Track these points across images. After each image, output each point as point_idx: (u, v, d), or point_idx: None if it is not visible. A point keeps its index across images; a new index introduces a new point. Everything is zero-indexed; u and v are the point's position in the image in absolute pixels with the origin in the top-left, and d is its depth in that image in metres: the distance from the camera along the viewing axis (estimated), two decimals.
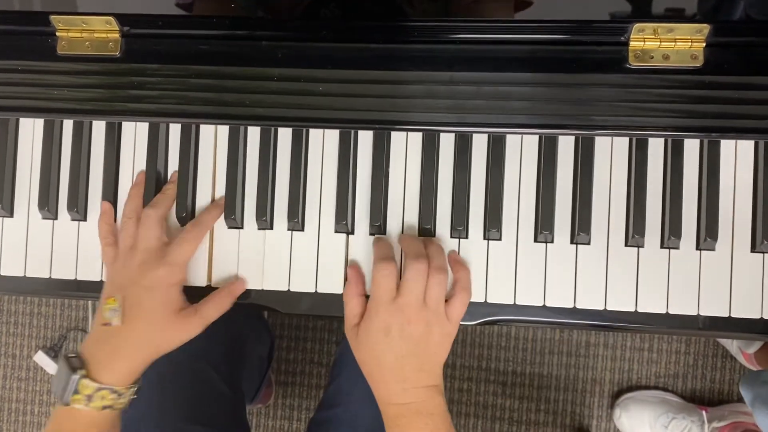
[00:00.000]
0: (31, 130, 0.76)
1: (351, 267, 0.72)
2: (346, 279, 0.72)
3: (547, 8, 0.67)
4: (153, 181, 0.74)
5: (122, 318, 0.67)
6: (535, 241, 0.71)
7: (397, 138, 0.72)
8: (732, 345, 1.38)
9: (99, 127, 0.76)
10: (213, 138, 0.74)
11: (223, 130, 0.74)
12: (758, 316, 0.68)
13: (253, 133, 0.74)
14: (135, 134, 0.75)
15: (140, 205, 0.73)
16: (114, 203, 0.75)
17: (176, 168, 0.74)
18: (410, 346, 0.65)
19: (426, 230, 0.71)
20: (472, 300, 0.70)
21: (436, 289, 0.66)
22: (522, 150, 0.71)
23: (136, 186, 0.74)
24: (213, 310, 0.71)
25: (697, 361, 1.42)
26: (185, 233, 0.70)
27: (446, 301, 0.68)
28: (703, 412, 1.30)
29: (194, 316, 0.69)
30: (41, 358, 1.55)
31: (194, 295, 0.72)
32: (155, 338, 0.68)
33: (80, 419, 0.66)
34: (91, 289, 0.76)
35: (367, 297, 0.69)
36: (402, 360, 0.65)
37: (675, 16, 0.65)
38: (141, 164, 0.75)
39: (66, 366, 0.65)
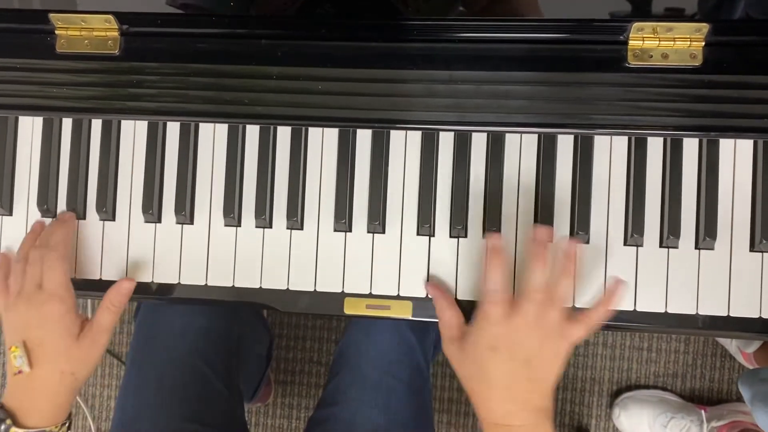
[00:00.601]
0: (30, 129, 0.76)
1: (430, 285, 0.70)
2: (341, 277, 0.72)
3: (546, 7, 0.67)
4: (152, 179, 0.74)
5: (29, 363, 0.67)
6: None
7: (396, 137, 0.72)
8: (731, 344, 1.38)
9: (98, 126, 0.75)
10: (212, 136, 0.74)
11: (222, 129, 0.74)
12: (757, 316, 0.68)
13: (252, 131, 0.74)
14: (134, 133, 0.75)
15: (28, 250, 0.72)
16: (113, 201, 0.75)
17: (175, 166, 0.74)
18: (520, 365, 0.63)
19: (425, 229, 0.71)
20: (471, 299, 0.71)
21: (554, 314, 0.64)
22: (521, 149, 0.71)
23: (30, 232, 0.75)
24: (107, 315, 0.71)
25: (696, 361, 1.42)
26: (48, 261, 0.70)
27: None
28: (702, 412, 1.30)
29: (94, 332, 0.70)
30: None
31: (199, 292, 0.72)
32: (68, 369, 0.69)
33: None
34: (90, 287, 0.75)
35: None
36: (510, 378, 0.63)
37: (674, 15, 0.65)
38: (140, 162, 0.75)
39: None
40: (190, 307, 0.86)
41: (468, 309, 0.71)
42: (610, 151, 0.70)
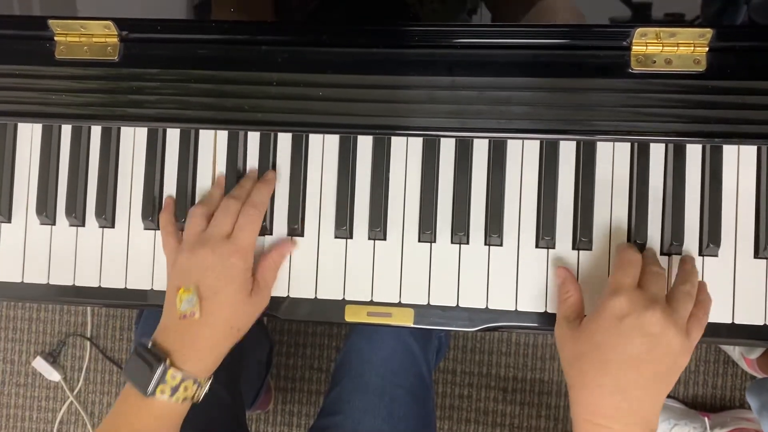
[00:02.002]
0: (29, 135, 0.76)
1: (561, 268, 0.69)
2: (342, 284, 0.72)
3: (548, 12, 0.66)
4: (152, 186, 0.74)
5: (200, 309, 0.65)
6: (537, 246, 0.70)
7: (397, 143, 0.72)
8: (734, 351, 1.37)
9: (97, 133, 0.75)
10: (212, 143, 0.74)
11: (222, 136, 0.74)
12: (762, 323, 0.68)
13: (253, 138, 0.74)
14: (134, 139, 0.75)
15: (214, 204, 0.71)
16: (112, 208, 0.75)
17: (175, 173, 0.74)
18: (642, 348, 0.59)
19: (426, 236, 0.71)
20: (473, 306, 0.70)
21: (684, 300, 0.62)
22: (523, 155, 0.71)
23: (217, 186, 0.74)
24: (270, 274, 0.71)
25: (698, 367, 1.41)
26: (247, 215, 0.69)
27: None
28: (706, 419, 1.30)
29: (260, 288, 0.69)
30: (40, 364, 1.55)
31: None
32: (236, 324, 0.68)
33: (157, 412, 0.64)
34: (89, 295, 0.75)
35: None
36: (627, 363, 0.59)
37: (677, 20, 0.65)
38: (140, 169, 0.75)
39: (149, 356, 0.64)
40: None
41: (470, 317, 0.70)
42: (613, 157, 0.70)
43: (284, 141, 0.73)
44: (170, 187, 0.74)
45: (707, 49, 0.66)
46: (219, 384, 0.86)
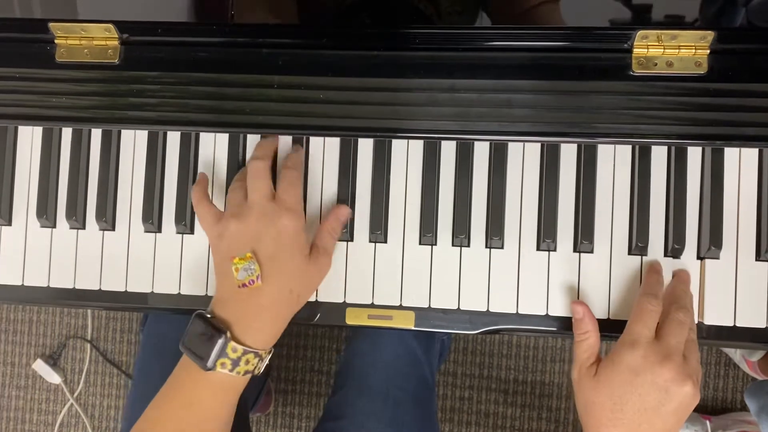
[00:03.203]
0: (29, 138, 0.76)
1: (578, 303, 0.67)
2: (342, 287, 0.72)
3: (550, 15, 0.66)
4: (152, 189, 0.74)
5: (262, 276, 0.63)
6: (538, 249, 0.70)
7: (398, 145, 0.72)
8: (735, 353, 1.37)
9: (98, 135, 0.75)
10: (212, 146, 0.74)
11: (223, 138, 0.74)
12: (763, 326, 0.68)
13: (253, 141, 0.73)
14: (134, 142, 0.75)
15: (262, 159, 0.69)
16: (113, 211, 0.75)
17: (176, 175, 0.74)
18: (656, 403, 0.60)
19: (428, 238, 0.70)
20: (474, 309, 0.70)
21: (692, 348, 0.63)
22: (524, 157, 0.71)
23: (256, 157, 0.71)
24: (329, 240, 0.69)
25: None
26: (286, 177, 0.68)
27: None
28: (707, 422, 1.30)
29: (320, 254, 0.68)
30: (40, 366, 1.55)
31: (201, 303, 0.71)
32: (296, 289, 0.66)
33: (216, 387, 0.63)
34: (90, 298, 0.75)
35: None
36: (641, 415, 0.60)
37: (679, 23, 0.65)
38: (140, 172, 0.74)
39: (209, 328, 0.62)
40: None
41: (471, 320, 0.70)
42: (614, 160, 0.70)
43: (285, 144, 0.73)
44: (171, 190, 0.74)
45: (708, 51, 0.66)
46: None
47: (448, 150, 0.71)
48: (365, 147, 0.72)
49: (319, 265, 0.68)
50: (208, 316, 0.63)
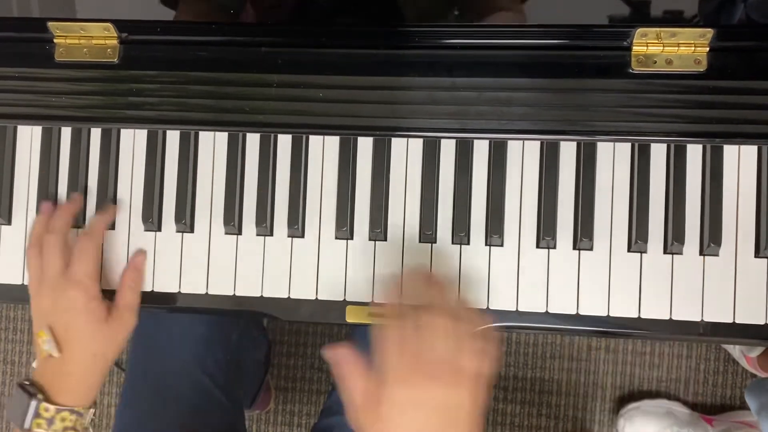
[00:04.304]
0: (29, 138, 0.76)
1: (331, 350, 0.59)
2: (343, 284, 0.72)
3: (549, 13, 0.66)
4: (152, 188, 0.74)
5: (58, 348, 0.67)
6: (538, 247, 0.70)
7: (397, 144, 0.72)
8: (734, 349, 1.37)
9: (97, 135, 0.75)
10: (212, 145, 0.74)
11: (222, 137, 0.74)
12: (762, 322, 0.68)
13: (253, 139, 0.73)
14: (133, 141, 0.75)
15: (41, 234, 0.72)
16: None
17: (175, 174, 0.74)
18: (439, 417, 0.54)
19: (427, 236, 0.70)
20: (474, 306, 0.70)
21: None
22: (524, 155, 0.71)
23: (39, 215, 0.74)
24: (130, 294, 0.72)
25: (699, 365, 1.41)
26: (80, 246, 0.70)
27: None
28: (709, 426, 1.30)
29: (121, 312, 0.71)
30: None
31: (201, 301, 0.71)
32: (99, 351, 0.69)
33: None
34: None
35: None
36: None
37: (678, 20, 0.65)
38: (139, 171, 0.74)
39: (22, 392, 0.66)
40: (188, 315, 0.85)
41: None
42: (613, 158, 0.70)
43: (284, 143, 0.73)
44: (170, 190, 0.74)
45: (708, 49, 0.66)
46: (217, 388, 0.86)
47: (448, 148, 0.71)
48: (365, 145, 0.72)
49: (122, 323, 0.71)
50: (26, 383, 0.67)
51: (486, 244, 0.71)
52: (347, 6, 0.69)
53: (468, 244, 0.71)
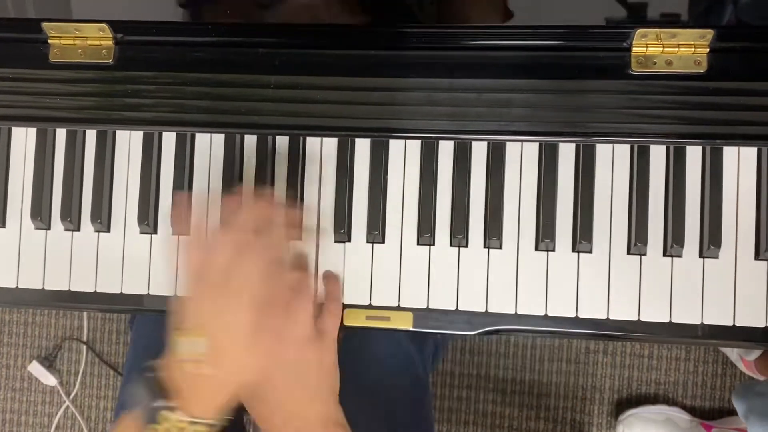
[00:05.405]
0: (23, 140, 0.75)
1: None
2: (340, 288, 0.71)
3: (548, 14, 0.66)
4: (148, 190, 0.73)
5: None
6: (536, 249, 0.70)
7: (395, 145, 0.71)
8: (732, 352, 1.37)
9: (93, 136, 0.74)
10: (208, 147, 0.73)
11: (219, 139, 0.73)
12: (762, 325, 0.67)
13: (250, 141, 0.73)
14: (129, 143, 0.74)
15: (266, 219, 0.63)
16: (108, 212, 0.74)
17: (171, 176, 0.73)
18: (289, 374, 0.61)
19: (425, 239, 0.70)
20: (473, 309, 0.69)
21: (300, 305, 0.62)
22: (522, 157, 0.70)
23: (263, 197, 0.65)
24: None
25: (697, 368, 1.41)
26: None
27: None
28: None
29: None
30: (36, 368, 1.54)
31: None
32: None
33: None
34: (85, 300, 0.74)
35: None
36: (284, 396, 0.61)
37: (678, 21, 0.64)
38: (135, 173, 0.74)
39: (152, 390, 0.60)
40: None
41: (470, 320, 0.70)
42: (613, 159, 0.69)
43: (282, 144, 0.73)
44: (166, 192, 0.73)
45: (708, 50, 0.66)
46: None
47: (446, 150, 0.71)
48: (362, 147, 0.72)
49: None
50: (151, 374, 0.61)
51: (485, 247, 0.70)
52: (345, 7, 0.68)
53: (466, 246, 0.70)
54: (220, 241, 0.61)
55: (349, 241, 0.72)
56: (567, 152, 0.70)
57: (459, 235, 0.70)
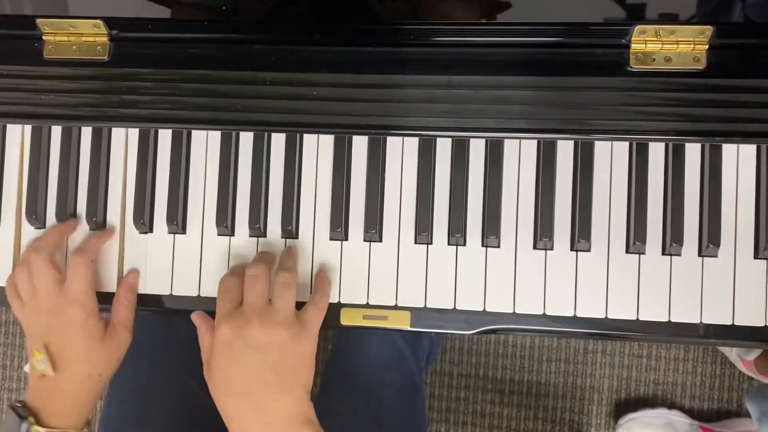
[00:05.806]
0: (18, 137, 0.75)
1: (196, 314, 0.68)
2: (337, 287, 0.71)
3: (546, 10, 0.66)
4: (143, 188, 0.73)
5: (53, 367, 0.67)
6: (535, 248, 0.69)
7: (392, 143, 0.71)
8: (731, 352, 1.37)
9: (88, 133, 0.74)
10: (204, 143, 0.73)
11: (215, 136, 0.73)
12: (762, 324, 0.67)
13: (246, 138, 0.72)
14: (125, 140, 0.74)
15: (28, 255, 0.70)
16: (103, 211, 0.74)
17: (167, 174, 0.73)
18: (259, 362, 0.61)
19: (423, 237, 0.70)
20: (470, 309, 0.69)
21: (281, 293, 0.64)
22: (520, 155, 0.70)
23: (38, 240, 0.72)
24: (124, 312, 0.71)
25: (696, 368, 1.41)
26: (73, 264, 0.69)
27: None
28: None
29: (117, 330, 0.70)
30: None
31: (193, 303, 0.71)
32: (94, 371, 0.69)
33: None
34: None
35: None
36: (253, 380, 0.61)
37: (677, 17, 0.64)
38: (131, 171, 0.73)
39: (14, 415, 0.65)
40: (174, 317, 0.84)
41: (468, 320, 0.69)
42: (611, 157, 0.69)
43: (278, 141, 0.72)
44: (162, 190, 0.73)
45: (707, 46, 0.65)
46: (203, 391, 0.84)
47: (444, 147, 0.70)
48: (360, 144, 0.71)
49: (117, 341, 0.70)
50: (18, 404, 0.66)
51: (482, 245, 0.70)
52: (342, 3, 0.68)
53: (464, 245, 0.70)
54: (17, 272, 0.71)
55: (347, 239, 0.71)
56: (565, 150, 0.69)
57: (457, 233, 0.69)
